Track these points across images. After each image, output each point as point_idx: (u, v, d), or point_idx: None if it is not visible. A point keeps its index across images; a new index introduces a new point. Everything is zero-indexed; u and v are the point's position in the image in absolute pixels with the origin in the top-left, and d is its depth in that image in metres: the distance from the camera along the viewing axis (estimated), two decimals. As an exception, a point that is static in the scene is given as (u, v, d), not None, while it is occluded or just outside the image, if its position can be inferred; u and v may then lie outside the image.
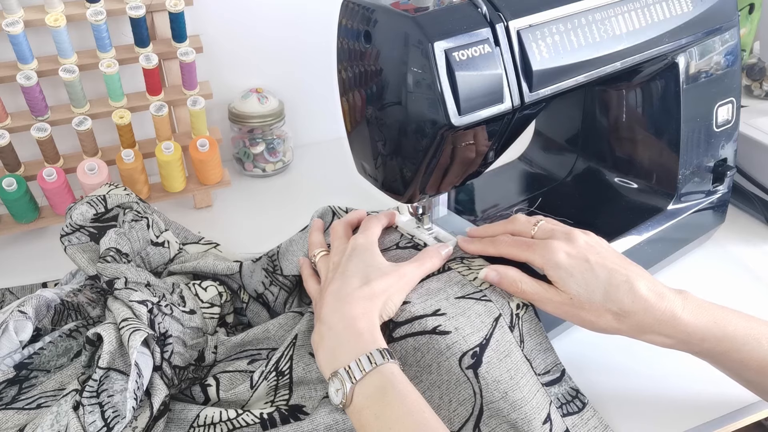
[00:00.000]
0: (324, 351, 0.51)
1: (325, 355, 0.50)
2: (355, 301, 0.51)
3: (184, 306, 0.60)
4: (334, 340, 0.50)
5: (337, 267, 0.56)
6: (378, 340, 0.49)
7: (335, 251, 0.59)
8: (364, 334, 0.49)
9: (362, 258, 0.56)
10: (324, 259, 0.59)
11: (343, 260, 0.56)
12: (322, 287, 0.56)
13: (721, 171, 0.73)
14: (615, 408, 0.58)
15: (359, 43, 0.52)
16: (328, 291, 0.54)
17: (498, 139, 0.55)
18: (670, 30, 0.60)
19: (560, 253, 0.53)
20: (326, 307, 0.53)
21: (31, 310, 0.56)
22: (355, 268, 0.54)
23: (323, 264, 0.59)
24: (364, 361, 0.47)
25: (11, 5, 0.74)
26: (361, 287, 0.52)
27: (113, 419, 0.50)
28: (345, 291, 0.53)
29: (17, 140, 0.78)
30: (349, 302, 0.51)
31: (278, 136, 0.94)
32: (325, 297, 0.54)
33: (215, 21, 0.89)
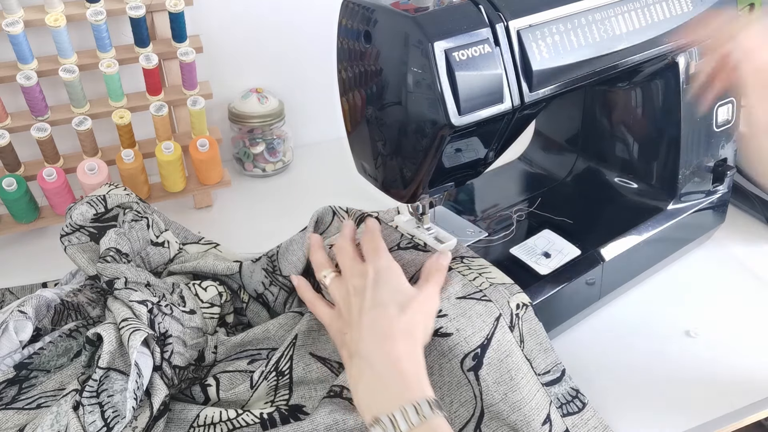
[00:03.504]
0: (365, 391, 0.47)
1: (365, 397, 0.47)
2: (397, 337, 0.48)
3: (184, 306, 0.60)
4: (377, 381, 0.47)
5: (363, 291, 0.52)
6: (425, 387, 0.46)
7: (352, 273, 0.55)
8: (410, 379, 0.46)
9: (390, 282, 0.52)
10: (338, 281, 0.55)
11: (368, 284, 0.52)
12: (348, 314, 0.52)
13: (721, 171, 0.73)
14: (615, 408, 0.58)
15: (359, 43, 0.52)
16: (363, 322, 0.50)
17: (498, 139, 0.55)
18: (670, 30, 0.60)
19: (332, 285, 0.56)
20: (365, 341, 0.49)
21: (31, 310, 0.56)
22: (387, 296, 0.51)
23: (338, 288, 0.55)
24: (411, 413, 0.44)
25: (11, 5, 0.74)
26: (399, 317, 0.49)
27: (113, 419, 0.50)
28: (384, 323, 0.49)
29: (17, 140, 0.78)
30: (391, 338, 0.48)
31: (278, 136, 0.94)
32: (361, 329, 0.50)
33: (215, 21, 0.89)
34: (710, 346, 0.64)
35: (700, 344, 0.64)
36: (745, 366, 0.61)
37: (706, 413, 0.57)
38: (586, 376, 0.60)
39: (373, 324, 0.50)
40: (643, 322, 0.67)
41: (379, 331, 0.49)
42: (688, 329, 0.66)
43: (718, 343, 0.64)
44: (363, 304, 0.51)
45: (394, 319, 0.49)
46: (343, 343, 0.52)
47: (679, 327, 0.66)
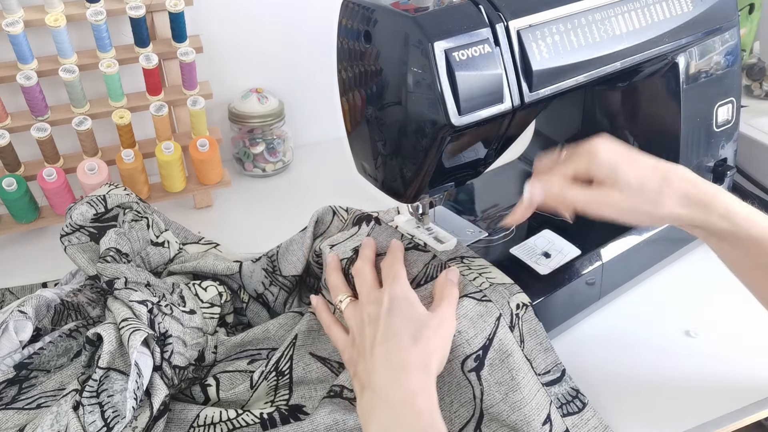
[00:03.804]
0: (377, 426, 0.46)
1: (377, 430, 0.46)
2: (411, 370, 0.47)
3: (184, 306, 0.60)
4: (390, 416, 0.45)
5: (377, 321, 0.51)
6: (438, 424, 0.45)
7: (368, 300, 0.53)
8: (423, 416, 0.45)
9: (404, 311, 0.51)
10: (354, 307, 0.54)
11: (382, 313, 0.51)
12: (362, 344, 0.51)
13: (721, 171, 0.73)
14: (615, 408, 0.58)
15: (359, 43, 0.52)
16: (376, 354, 0.49)
17: (498, 139, 0.55)
18: (670, 30, 0.60)
19: (606, 150, 0.52)
20: (378, 374, 0.47)
21: (31, 310, 0.56)
22: (401, 326, 0.50)
23: (353, 315, 0.54)
24: None
25: (11, 5, 0.74)
26: (412, 348, 0.48)
27: (113, 419, 0.50)
28: (397, 355, 0.48)
29: (17, 140, 0.78)
30: (405, 371, 0.47)
31: (278, 136, 0.94)
32: (374, 361, 0.48)
33: (215, 21, 0.89)
34: (710, 346, 0.64)
35: (700, 344, 0.64)
36: (745, 366, 0.61)
37: (706, 413, 0.57)
38: (586, 376, 0.60)
39: (386, 356, 0.48)
40: (643, 322, 0.67)
41: (393, 363, 0.48)
42: (688, 329, 0.66)
43: (718, 343, 0.64)
44: (376, 335, 0.50)
45: (407, 351, 0.48)
46: (356, 373, 0.50)
47: (679, 327, 0.66)
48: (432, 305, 0.53)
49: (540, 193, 0.53)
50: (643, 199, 0.52)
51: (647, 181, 0.52)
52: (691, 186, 0.52)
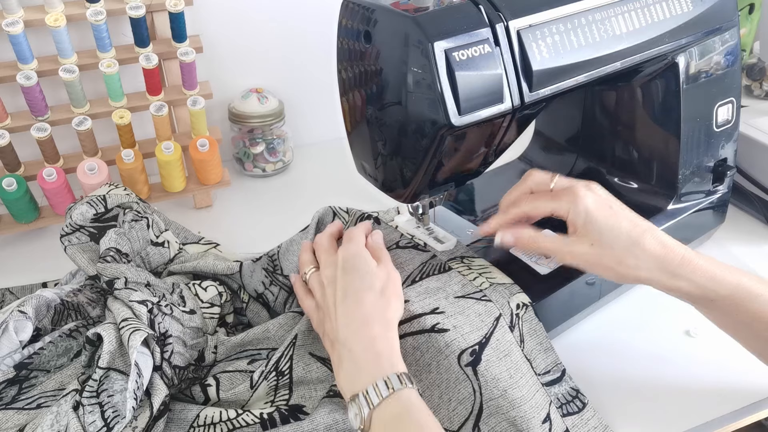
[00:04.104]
0: (344, 374, 0.50)
1: (345, 378, 0.49)
2: (372, 321, 0.51)
3: (184, 306, 0.60)
4: (354, 363, 0.49)
5: (334, 281, 0.55)
6: (396, 363, 0.48)
7: (325, 264, 0.57)
8: (382, 357, 0.48)
9: (358, 267, 0.54)
10: (315, 275, 0.58)
11: (338, 273, 0.55)
12: (324, 304, 0.55)
13: (721, 171, 0.73)
14: (615, 408, 0.58)
15: (359, 43, 0.52)
16: (339, 312, 0.52)
17: (498, 139, 0.55)
18: (670, 30, 0.60)
19: (587, 198, 0.54)
20: (342, 328, 0.51)
21: (31, 310, 0.56)
22: (357, 280, 0.53)
23: (315, 280, 0.57)
24: (381, 386, 0.46)
25: (11, 5, 0.74)
26: (370, 299, 0.52)
27: (113, 419, 0.50)
28: (358, 308, 0.51)
29: (17, 140, 0.78)
30: (366, 321, 0.51)
31: (278, 136, 0.94)
32: (337, 317, 0.52)
33: (215, 21, 0.89)
34: (710, 346, 0.64)
35: (700, 344, 0.64)
36: (745, 366, 0.61)
37: (706, 413, 0.57)
38: (586, 376, 0.60)
39: (347, 311, 0.52)
40: (643, 322, 0.67)
41: (355, 316, 0.51)
42: (688, 329, 0.66)
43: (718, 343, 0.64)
44: (336, 294, 0.53)
45: (365, 302, 0.52)
46: (324, 332, 0.54)
47: (679, 327, 0.66)
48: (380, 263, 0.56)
49: (510, 240, 0.57)
50: (610, 254, 0.53)
51: (618, 238, 0.53)
52: (660, 251, 0.53)
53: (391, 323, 0.51)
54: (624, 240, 0.52)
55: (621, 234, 0.53)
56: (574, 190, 0.54)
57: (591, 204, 0.54)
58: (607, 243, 0.53)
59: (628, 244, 0.52)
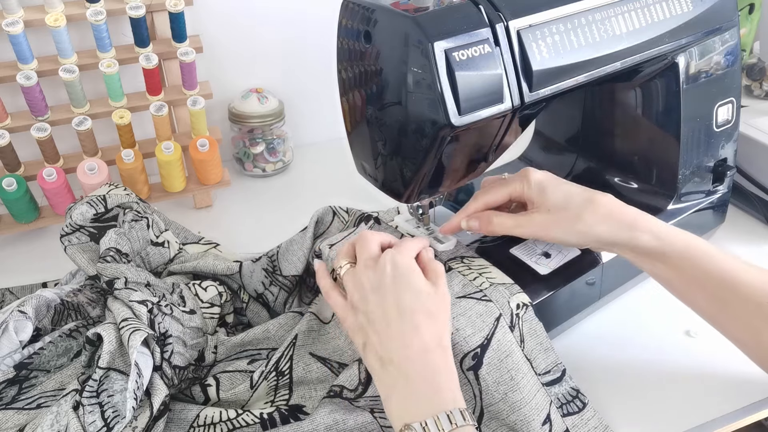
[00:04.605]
0: (397, 399, 0.47)
1: (398, 404, 0.47)
2: (432, 348, 0.48)
3: (184, 306, 0.60)
4: (411, 390, 0.46)
5: (381, 289, 0.51)
6: (458, 398, 0.46)
7: (367, 264, 0.53)
8: (444, 390, 0.46)
9: (411, 284, 0.51)
10: (352, 272, 0.54)
11: (387, 281, 0.51)
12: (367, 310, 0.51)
13: (721, 171, 0.73)
14: (615, 408, 0.58)
15: (359, 43, 0.52)
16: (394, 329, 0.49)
17: (498, 139, 0.55)
18: (670, 30, 0.60)
19: (536, 173, 0.58)
20: (398, 350, 0.48)
21: (31, 310, 0.56)
22: (414, 300, 0.50)
23: (353, 278, 0.53)
24: (444, 421, 0.44)
25: (11, 5, 0.74)
26: (429, 325, 0.49)
27: (113, 419, 0.50)
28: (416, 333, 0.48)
29: (17, 140, 0.78)
30: (426, 350, 0.48)
31: (278, 136, 0.94)
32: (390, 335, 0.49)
33: (215, 21, 0.89)
34: (710, 346, 0.64)
35: (699, 344, 0.64)
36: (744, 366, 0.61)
37: (706, 413, 0.57)
38: (586, 376, 0.60)
39: (406, 334, 0.48)
40: (643, 322, 0.67)
41: (414, 342, 0.48)
42: (688, 329, 0.66)
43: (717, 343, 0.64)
44: (387, 308, 0.50)
45: (424, 328, 0.49)
46: (368, 344, 0.50)
47: (679, 327, 0.66)
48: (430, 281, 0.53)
49: (475, 225, 0.60)
50: (567, 215, 0.56)
51: (572, 198, 0.56)
52: (615, 206, 0.56)
53: (448, 352, 0.49)
54: (578, 199, 0.56)
55: (575, 195, 0.56)
56: (522, 172, 0.59)
57: (541, 176, 0.58)
58: (563, 205, 0.56)
59: (583, 201, 0.55)
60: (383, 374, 0.48)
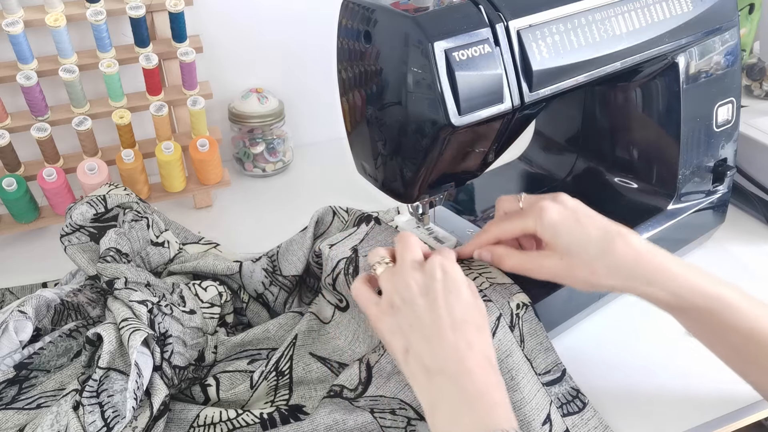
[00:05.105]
0: (446, 410, 0.45)
1: (446, 416, 0.45)
2: (488, 363, 0.46)
3: (184, 306, 0.60)
4: (464, 403, 0.44)
5: (430, 293, 0.49)
6: (512, 417, 0.45)
7: (413, 266, 0.51)
8: (499, 408, 0.44)
9: (461, 293, 0.49)
10: (393, 273, 0.51)
11: (437, 287, 0.49)
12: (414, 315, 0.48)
13: (721, 171, 0.73)
14: (615, 408, 0.58)
15: (359, 43, 0.52)
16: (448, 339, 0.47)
17: (498, 139, 0.55)
18: (670, 30, 0.60)
19: (551, 211, 0.53)
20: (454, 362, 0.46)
21: (31, 310, 0.56)
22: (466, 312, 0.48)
23: (394, 277, 0.51)
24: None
25: (11, 5, 0.74)
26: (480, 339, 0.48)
27: (113, 419, 0.50)
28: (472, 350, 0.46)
29: (17, 140, 0.78)
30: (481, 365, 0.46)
31: (278, 136, 0.94)
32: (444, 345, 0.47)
33: (215, 21, 0.89)
34: (710, 346, 0.64)
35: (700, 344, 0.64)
36: (745, 366, 0.61)
37: (706, 413, 0.57)
38: (586, 376, 0.60)
39: (459, 347, 0.47)
40: (643, 322, 0.67)
41: (469, 356, 0.46)
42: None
43: (718, 343, 0.64)
44: (438, 316, 0.48)
45: (480, 345, 0.47)
46: (410, 351, 0.48)
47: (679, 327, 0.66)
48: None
49: (487, 257, 0.57)
50: (579, 264, 0.52)
51: (587, 246, 0.52)
52: (631, 256, 0.51)
53: (497, 368, 0.47)
54: (593, 249, 0.51)
55: (590, 243, 0.51)
56: (538, 206, 0.54)
57: (556, 216, 0.53)
58: (577, 253, 0.52)
59: (598, 252, 0.51)
60: (429, 384, 0.46)
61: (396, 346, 0.49)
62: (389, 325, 0.50)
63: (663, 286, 0.51)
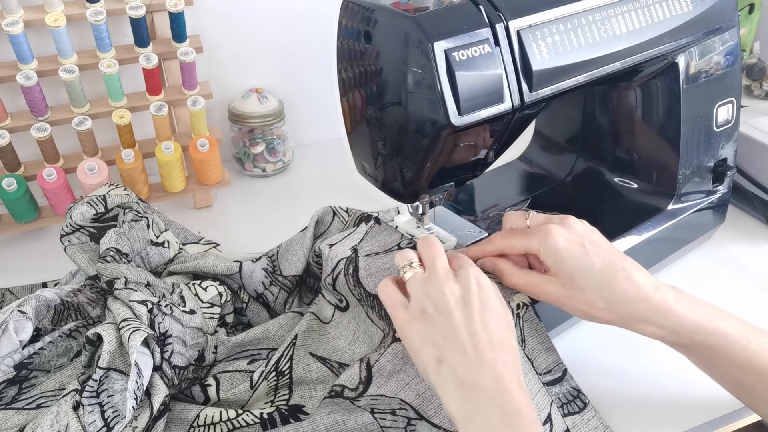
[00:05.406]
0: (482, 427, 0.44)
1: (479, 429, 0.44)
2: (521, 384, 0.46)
3: (184, 306, 0.60)
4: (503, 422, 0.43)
5: (467, 305, 0.48)
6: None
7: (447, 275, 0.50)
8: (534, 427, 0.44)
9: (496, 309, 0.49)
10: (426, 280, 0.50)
11: (473, 300, 0.48)
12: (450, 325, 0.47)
13: (721, 171, 0.73)
14: (615, 408, 0.58)
15: (359, 43, 0.52)
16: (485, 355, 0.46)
17: (498, 139, 0.55)
18: (670, 30, 0.60)
19: (558, 237, 0.52)
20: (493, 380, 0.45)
21: (31, 310, 0.56)
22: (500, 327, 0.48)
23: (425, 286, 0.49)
24: None
25: (11, 5, 0.74)
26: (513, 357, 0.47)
27: (113, 419, 0.50)
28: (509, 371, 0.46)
29: (17, 140, 0.78)
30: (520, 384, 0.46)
31: (278, 136, 0.94)
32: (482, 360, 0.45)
33: (215, 21, 0.89)
34: (710, 346, 0.64)
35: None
36: (745, 366, 0.61)
37: (706, 413, 0.57)
38: (586, 376, 0.60)
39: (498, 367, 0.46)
40: (643, 322, 0.67)
41: (507, 377, 0.45)
42: (688, 329, 0.66)
43: (718, 343, 0.64)
44: (475, 331, 0.46)
45: (514, 367, 0.47)
46: (443, 362, 0.46)
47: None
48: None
49: (490, 267, 0.57)
50: (578, 296, 0.51)
51: (588, 278, 0.51)
52: (632, 293, 0.50)
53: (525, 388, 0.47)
54: (594, 282, 0.50)
55: (592, 275, 0.50)
56: (545, 229, 0.53)
57: (561, 243, 0.51)
58: (578, 285, 0.51)
59: (598, 285, 0.50)
60: (464, 397, 0.45)
61: (427, 355, 0.47)
62: (420, 332, 0.48)
63: (662, 325, 0.50)
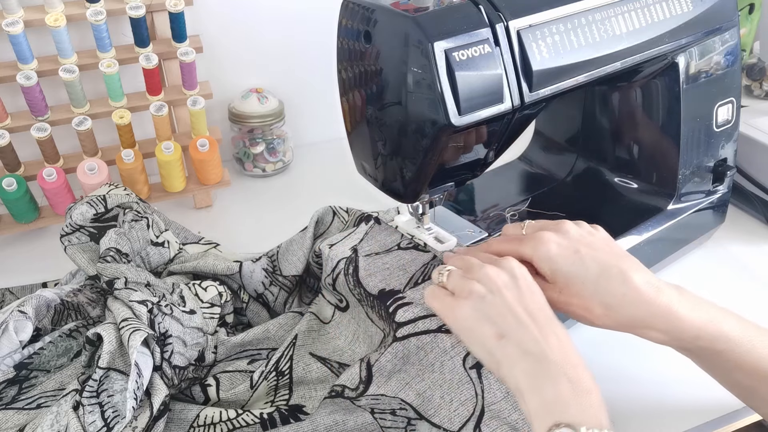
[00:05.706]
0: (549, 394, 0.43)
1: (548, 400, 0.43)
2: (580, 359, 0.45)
3: (184, 306, 0.60)
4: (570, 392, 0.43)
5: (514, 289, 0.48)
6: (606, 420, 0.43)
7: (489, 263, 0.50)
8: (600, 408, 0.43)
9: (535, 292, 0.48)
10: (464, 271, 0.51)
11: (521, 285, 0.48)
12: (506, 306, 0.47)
13: (721, 171, 0.73)
14: (615, 408, 0.58)
15: (359, 43, 0.52)
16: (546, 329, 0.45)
17: (498, 139, 0.55)
18: (670, 30, 0.60)
19: (551, 244, 0.50)
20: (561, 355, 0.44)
21: (31, 310, 0.56)
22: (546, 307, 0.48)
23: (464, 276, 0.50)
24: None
25: (11, 5, 0.74)
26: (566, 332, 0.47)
27: (113, 419, 0.50)
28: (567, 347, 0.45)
29: (17, 140, 0.78)
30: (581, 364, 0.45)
31: (278, 136, 0.94)
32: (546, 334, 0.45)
33: (215, 21, 0.89)
34: (710, 346, 0.64)
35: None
36: (745, 366, 0.61)
37: (706, 413, 0.57)
38: (586, 376, 0.60)
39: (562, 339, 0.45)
40: (643, 322, 0.67)
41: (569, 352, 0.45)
42: (688, 329, 0.66)
43: (718, 343, 0.64)
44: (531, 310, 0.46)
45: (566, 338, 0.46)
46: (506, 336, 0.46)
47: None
48: None
49: None
50: (575, 303, 0.50)
51: (584, 285, 0.49)
52: (631, 297, 0.48)
53: None
54: (591, 288, 0.49)
55: (588, 281, 0.49)
56: (537, 236, 0.51)
57: (553, 250, 0.50)
58: (575, 291, 0.50)
59: (595, 292, 0.49)
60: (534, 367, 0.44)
61: (485, 332, 0.47)
62: (472, 311, 0.47)
63: (663, 330, 0.49)
